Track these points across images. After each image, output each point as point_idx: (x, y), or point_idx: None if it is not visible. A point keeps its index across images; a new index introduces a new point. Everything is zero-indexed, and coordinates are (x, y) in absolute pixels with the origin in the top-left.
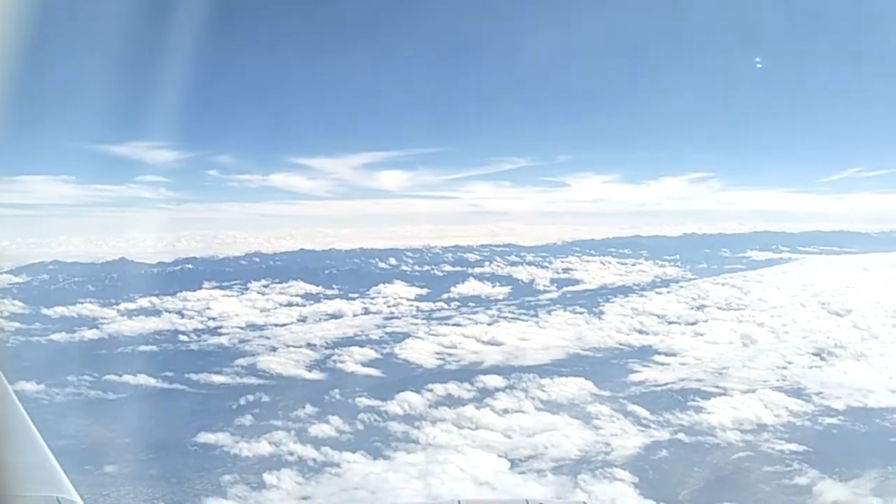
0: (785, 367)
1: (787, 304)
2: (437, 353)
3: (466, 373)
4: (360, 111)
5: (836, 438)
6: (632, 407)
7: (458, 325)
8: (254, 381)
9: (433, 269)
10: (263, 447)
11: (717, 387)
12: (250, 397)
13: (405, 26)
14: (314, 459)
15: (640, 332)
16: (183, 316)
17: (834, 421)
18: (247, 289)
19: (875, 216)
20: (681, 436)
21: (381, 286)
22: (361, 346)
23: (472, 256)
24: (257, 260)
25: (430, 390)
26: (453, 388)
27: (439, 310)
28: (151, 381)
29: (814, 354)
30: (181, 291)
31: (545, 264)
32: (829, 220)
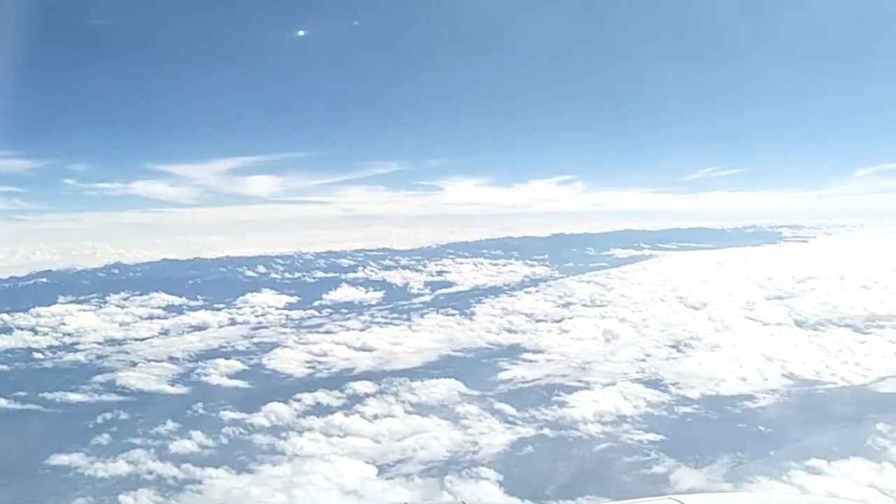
0: (644, 360)
1: (647, 299)
2: (307, 362)
3: (336, 380)
4: (224, 115)
5: (691, 426)
6: (499, 405)
7: (329, 332)
8: (112, 398)
9: (304, 276)
10: (121, 467)
11: (581, 381)
12: (108, 415)
13: (269, 27)
14: (174, 477)
15: (510, 331)
16: (36, 333)
17: (689, 410)
18: (105, 302)
19: (728, 213)
20: (546, 431)
21: (248, 295)
22: (227, 358)
23: (345, 262)
24: (117, 271)
25: (299, 400)
26: (322, 396)
27: (310, 317)
28: (2, 402)
29: (671, 346)
30: (34, 307)
31: (419, 267)
32: (687, 218)
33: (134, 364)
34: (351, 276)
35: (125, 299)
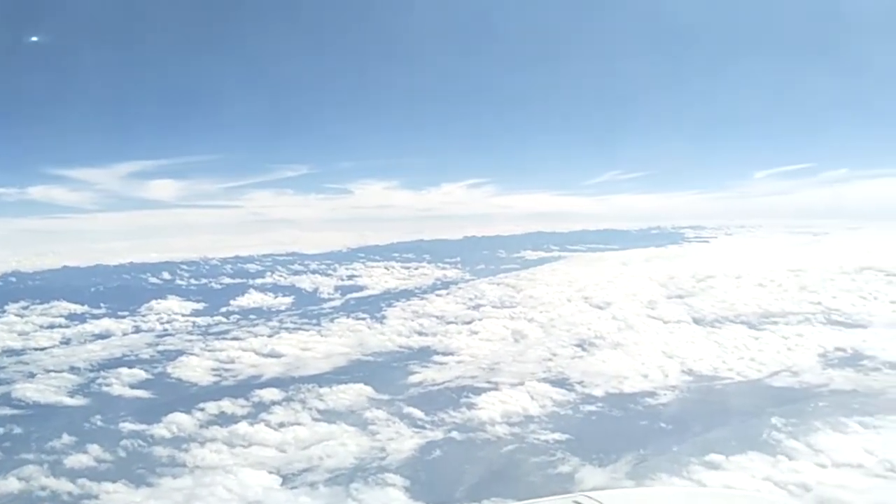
0: (551, 359)
1: (554, 299)
2: (213, 370)
3: (243, 388)
4: (125, 116)
5: (596, 425)
6: (408, 409)
7: (236, 338)
8: (7, 411)
9: (211, 282)
10: (12, 484)
11: (490, 382)
12: (1, 430)
13: (168, 25)
14: (69, 493)
15: (420, 333)
16: None
17: (593, 408)
18: (3, 312)
19: (634, 215)
20: (454, 434)
21: (153, 302)
22: (130, 367)
23: (253, 267)
24: (14, 280)
25: (202, 409)
26: (227, 405)
27: (217, 324)
28: None
29: (577, 346)
30: None
31: (330, 272)
32: (595, 220)
33: (32, 375)
34: (259, 281)
35: (24, 308)
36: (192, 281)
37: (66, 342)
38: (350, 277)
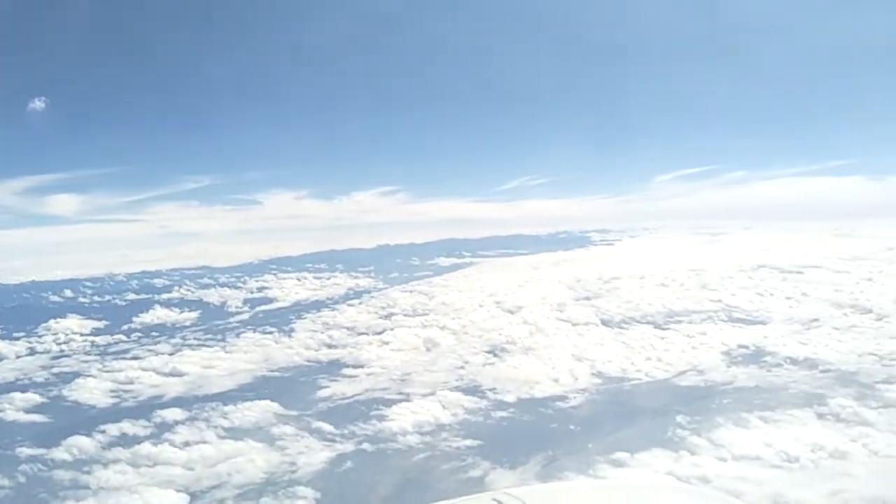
0: (462, 367)
1: (467, 305)
2: (112, 391)
3: (144, 409)
4: (17, 130)
5: (507, 430)
6: (317, 423)
7: (137, 357)
8: None
9: (115, 299)
10: None
11: (401, 393)
12: None
13: (64, 34)
14: None
15: (330, 346)
16: None
17: (505, 414)
18: None
19: (543, 220)
20: (365, 446)
21: (51, 322)
22: (24, 391)
23: (160, 282)
24: None
25: (103, 431)
26: (128, 426)
27: (117, 343)
28: None
29: (488, 352)
30: None
31: (239, 285)
32: (506, 226)
33: None
34: (165, 296)
35: None
36: (96, 298)
37: None
38: (260, 290)
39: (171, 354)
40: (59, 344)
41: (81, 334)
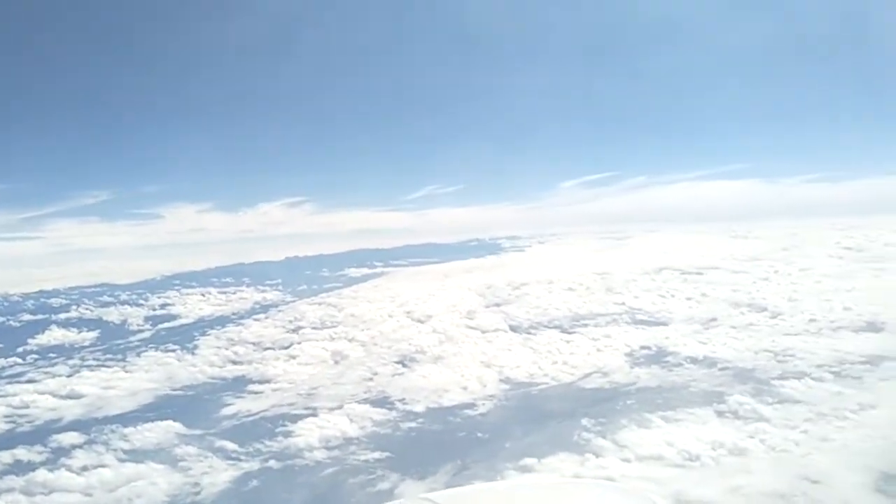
0: (371, 379)
1: (376, 316)
2: (6, 417)
3: (40, 434)
4: None
5: (416, 440)
6: (222, 442)
7: (32, 381)
8: None
9: (9, 320)
10: None
11: (308, 408)
12: None
13: None
14: None
15: (235, 362)
16: None
17: (413, 424)
18: None
19: (454, 228)
20: (271, 463)
21: None
22: None
23: (57, 301)
24: None
25: None
26: (23, 452)
27: (11, 366)
28: None
29: (398, 362)
30: None
31: (141, 302)
32: (416, 234)
33: None
34: (63, 316)
35: None
36: None
37: None
38: (163, 306)
39: (68, 376)
40: None
41: None
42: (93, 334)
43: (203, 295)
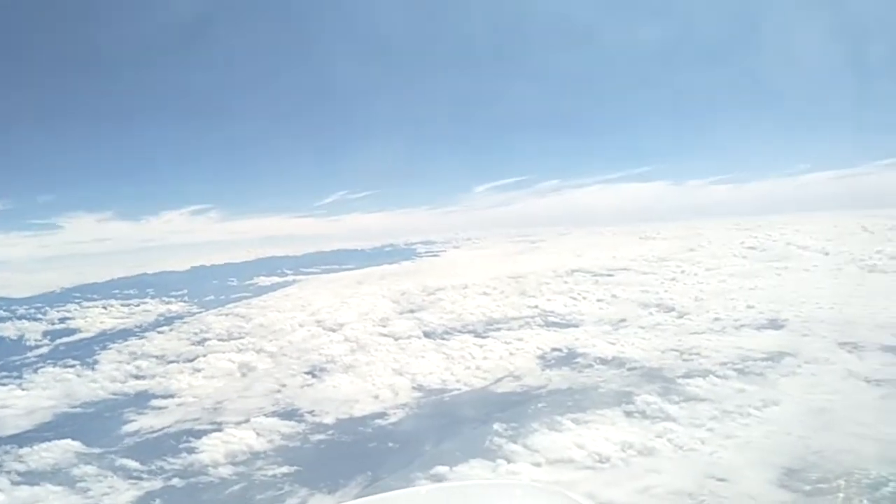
0: (280, 391)
1: (286, 326)
2: None
3: None
4: None
5: (326, 453)
6: (122, 461)
7: None
8: None
9: None
10: None
11: (213, 422)
12: None
13: None
14: None
15: (138, 377)
16: None
17: (323, 436)
18: None
19: (368, 234)
20: (175, 481)
21: None
22: None
23: None
24: None
25: None
26: None
27: None
28: None
29: (308, 373)
30: None
31: (39, 316)
32: (328, 241)
33: None
34: None
35: None
36: None
37: None
38: (62, 320)
39: None
40: None
41: None
42: None
43: (104, 308)
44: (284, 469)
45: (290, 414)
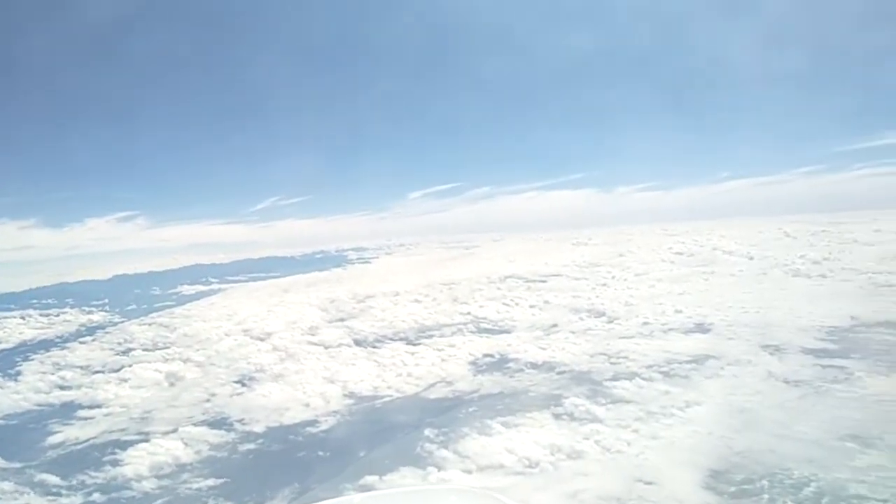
0: (208, 400)
1: (212, 335)
2: None
3: None
4: None
5: (254, 463)
6: (42, 476)
7: None
8: None
9: None
10: None
11: (141, 432)
12: None
13: None
14: None
15: (63, 387)
16: None
17: (252, 446)
18: None
19: (299, 240)
20: (95, 496)
21: None
22: None
23: None
24: None
25: None
26: None
27: None
28: None
29: (236, 382)
30: None
31: None
32: (257, 248)
33: None
34: None
35: None
36: None
37: None
38: None
39: None
40: None
41: None
42: None
43: (23, 318)
44: (210, 482)
45: (218, 423)
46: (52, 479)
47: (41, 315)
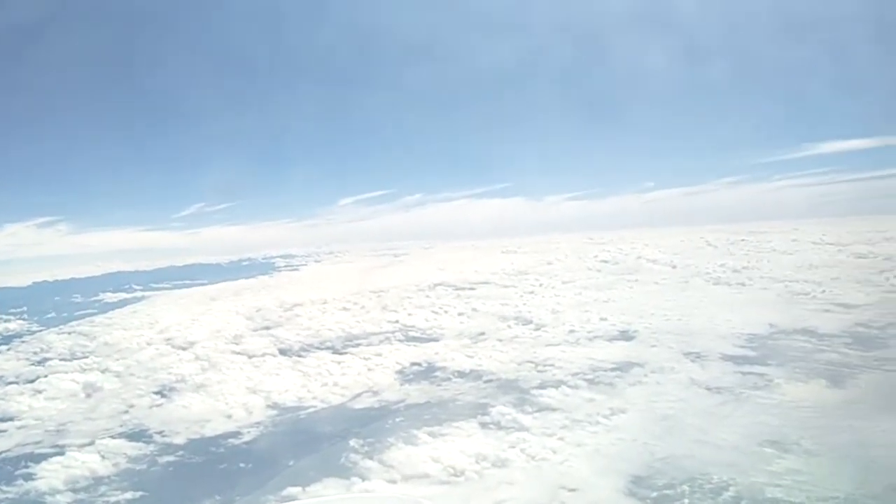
0: (127, 412)
1: (133, 344)
2: None
3: None
4: None
5: (174, 476)
6: None
7: None
8: None
9: None
10: None
11: (56, 446)
12: None
13: None
14: None
15: None
16: None
17: (172, 458)
18: None
19: (225, 247)
20: None
21: None
22: None
23: None
24: None
25: None
26: None
27: None
28: None
29: (157, 393)
30: None
31: None
32: (183, 255)
33: None
34: None
35: None
36: None
37: None
38: None
39: None
40: None
41: None
42: None
43: None
44: (128, 495)
45: (137, 435)
46: None
47: None
